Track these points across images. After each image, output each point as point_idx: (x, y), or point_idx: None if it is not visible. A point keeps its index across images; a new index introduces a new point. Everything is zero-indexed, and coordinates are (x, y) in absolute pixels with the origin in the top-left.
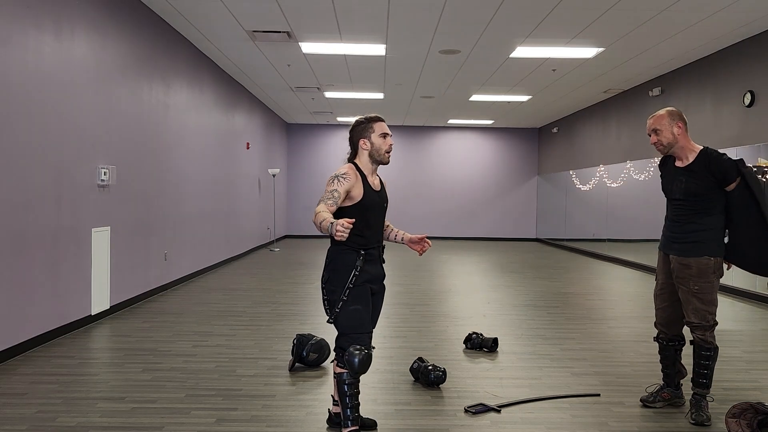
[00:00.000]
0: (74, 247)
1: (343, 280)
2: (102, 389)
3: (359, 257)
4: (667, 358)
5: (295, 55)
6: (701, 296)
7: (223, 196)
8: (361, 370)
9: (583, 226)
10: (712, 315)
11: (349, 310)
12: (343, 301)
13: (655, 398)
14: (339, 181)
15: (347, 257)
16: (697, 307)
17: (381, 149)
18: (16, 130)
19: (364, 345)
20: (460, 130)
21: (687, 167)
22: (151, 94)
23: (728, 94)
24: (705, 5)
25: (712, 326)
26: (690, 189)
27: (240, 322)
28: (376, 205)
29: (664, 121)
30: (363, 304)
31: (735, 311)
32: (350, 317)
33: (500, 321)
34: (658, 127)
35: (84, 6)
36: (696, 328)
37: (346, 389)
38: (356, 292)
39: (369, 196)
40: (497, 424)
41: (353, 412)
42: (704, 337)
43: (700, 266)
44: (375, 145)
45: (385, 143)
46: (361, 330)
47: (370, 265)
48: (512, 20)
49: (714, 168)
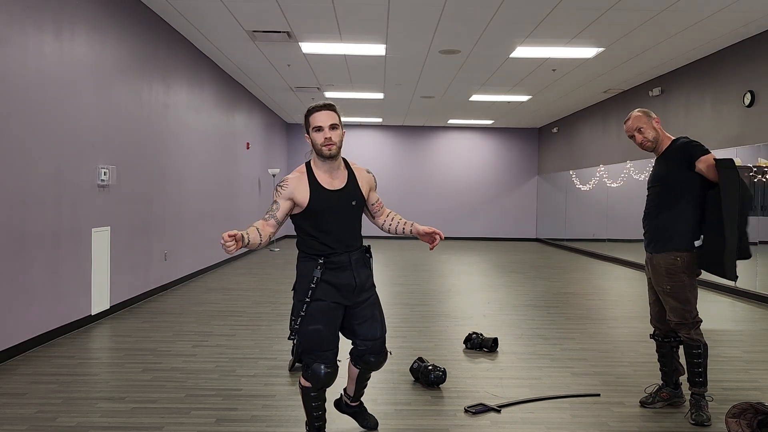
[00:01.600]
0: (74, 247)
1: (303, 292)
2: (102, 389)
3: (317, 266)
4: (664, 356)
5: (295, 55)
6: (675, 295)
7: (223, 196)
8: (326, 384)
9: (583, 226)
10: (691, 313)
11: (308, 330)
12: (301, 317)
13: (654, 399)
14: (277, 192)
15: (305, 266)
16: (673, 306)
17: (316, 143)
18: (16, 130)
19: (328, 362)
20: (460, 130)
21: (661, 154)
22: (151, 94)
23: (728, 94)
24: (705, 5)
25: (695, 323)
26: (659, 174)
27: (240, 322)
28: (332, 206)
29: (643, 119)
30: (323, 323)
31: (735, 311)
32: (309, 337)
33: (500, 321)
34: (639, 125)
35: (84, 6)
36: (678, 326)
37: (311, 402)
38: (315, 308)
39: (317, 199)
40: (497, 424)
41: (318, 422)
42: (689, 335)
43: (667, 264)
44: (313, 141)
45: (319, 137)
46: (323, 349)
47: (335, 273)
48: (512, 20)
49: (680, 147)
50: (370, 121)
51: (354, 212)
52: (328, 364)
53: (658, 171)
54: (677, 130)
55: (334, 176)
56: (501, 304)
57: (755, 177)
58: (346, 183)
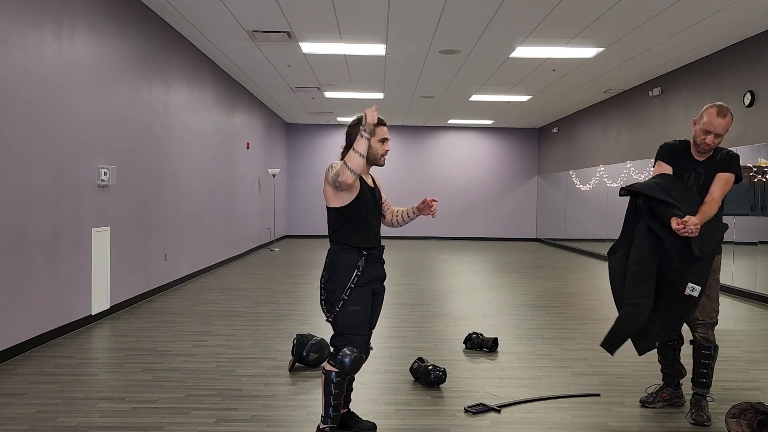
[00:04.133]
0: (74, 247)
1: (344, 280)
2: (102, 389)
3: (361, 257)
4: (666, 358)
5: (295, 55)
6: (709, 292)
7: (223, 196)
8: (352, 371)
9: (583, 226)
10: (717, 312)
11: (348, 310)
12: (343, 301)
13: (655, 399)
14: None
15: (348, 257)
16: (704, 304)
17: (378, 153)
18: (16, 130)
19: (359, 347)
20: (460, 130)
21: (706, 161)
22: (151, 94)
23: (728, 94)
24: (705, 5)
25: (714, 325)
26: (707, 183)
27: (240, 322)
28: (372, 202)
29: (728, 127)
30: (362, 306)
31: (735, 311)
32: (349, 317)
33: (500, 321)
34: (722, 132)
35: (84, 6)
36: (699, 326)
37: (332, 388)
38: (357, 293)
39: (365, 192)
40: (497, 424)
41: (334, 411)
42: (706, 335)
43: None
44: (373, 149)
45: (383, 148)
46: (358, 331)
47: (371, 265)
48: (512, 20)
49: (729, 160)
50: None
51: (380, 211)
52: (359, 347)
53: (706, 180)
54: (677, 130)
55: (368, 177)
56: (501, 304)
57: (755, 177)
58: (374, 185)
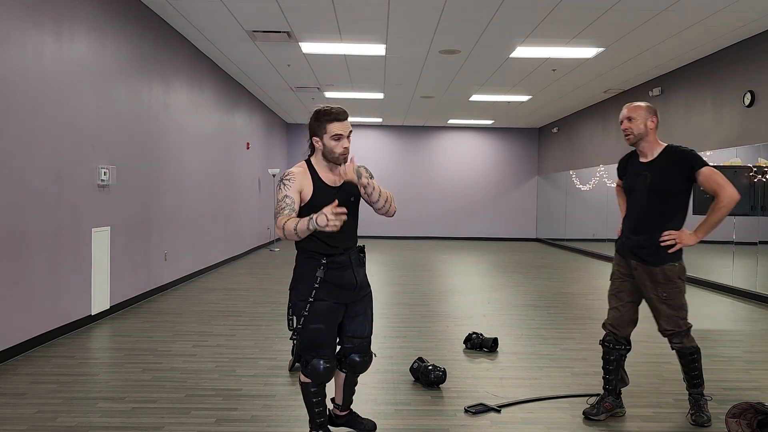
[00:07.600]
0: (74, 247)
1: (304, 293)
2: (102, 389)
3: (320, 267)
4: (611, 363)
5: (295, 55)
6: (670, 302)
7: (223, 196)
8: (326, 378)
9: (583, 226)
10: (684, 320)
11: (310, 329)
12: (304, 317)
13: (599, 410)
14: (286, 186)
15: (307, 266)
16: (668, 315)
17: (333, 152)
18: (17, 130)
19: (328, 358)
20: (460, 130)
21: (651, 162)
22: (151, 94)
23: (728, 94)
24: (705, 5)
25: (687, 330)
26: (655, 184)
27: (240, 322)
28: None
29: (640, 111)
30: (325, 322)
31: (735, 311)
32: (311, 337)
33: (500, 321)
34: (633, 115)
35: (84, 6)
36: (671, 335)
37: (311, 398)
38: (317, 308)
39: (318, 195)
40: (497, 424)
41: (320, 417)
42: (682, 344)
43: (664, 271)
44: (327, 147)
45: (338, 146)
46: (323, 347)
47: (337, 273)
48: (512, 20)
49: (679, 155)
50: (370, 121)
51: (353, 209)
52: (327, 359)
53: (653, 181)
54: (677, 130)
55: (335, 173)
56: (501, 304)
57: (755, 177)
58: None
